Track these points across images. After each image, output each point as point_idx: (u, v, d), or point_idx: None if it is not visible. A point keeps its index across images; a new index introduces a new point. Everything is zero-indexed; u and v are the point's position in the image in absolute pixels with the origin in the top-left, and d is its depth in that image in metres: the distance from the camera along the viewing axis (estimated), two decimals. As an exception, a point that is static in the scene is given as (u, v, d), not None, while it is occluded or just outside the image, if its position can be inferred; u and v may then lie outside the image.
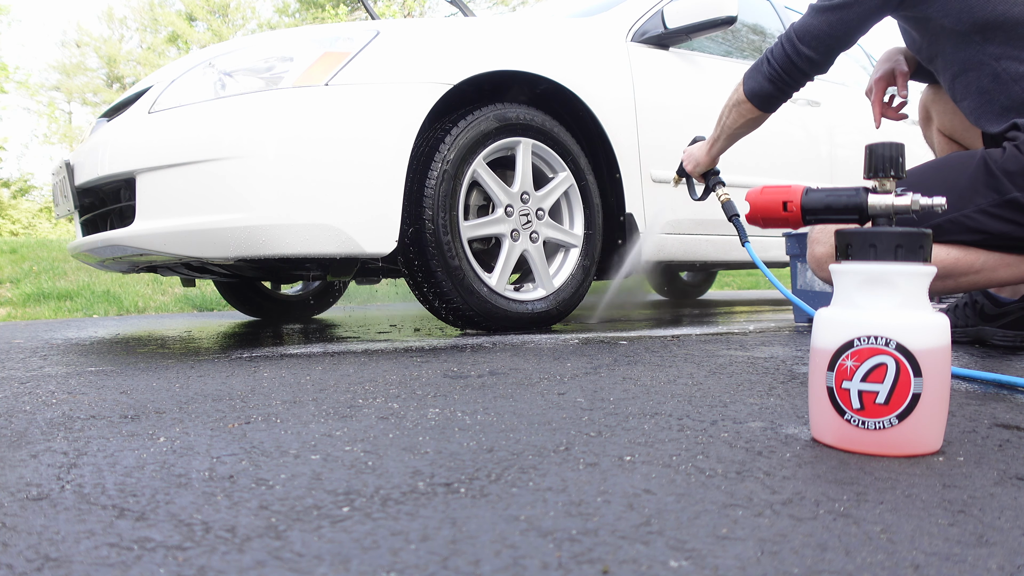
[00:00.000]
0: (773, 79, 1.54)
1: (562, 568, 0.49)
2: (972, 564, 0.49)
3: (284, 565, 0.50)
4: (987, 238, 1.36)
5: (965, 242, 1.37)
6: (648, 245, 2.38)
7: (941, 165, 1.42)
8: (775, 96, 1.57)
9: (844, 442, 0.77)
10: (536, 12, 3.27)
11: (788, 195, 0.94)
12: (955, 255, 1.38)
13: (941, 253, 1.37)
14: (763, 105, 1.59)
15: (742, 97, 1.60)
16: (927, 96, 1.79)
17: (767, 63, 1.54)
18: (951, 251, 1.38)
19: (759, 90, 1.57)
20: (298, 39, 1.89)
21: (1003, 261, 1.39)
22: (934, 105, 1.76)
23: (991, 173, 1.33)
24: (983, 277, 1.39)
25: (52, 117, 23.13)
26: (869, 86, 1.76)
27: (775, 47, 1.53)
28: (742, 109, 1.62)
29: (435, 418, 0.95)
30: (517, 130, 2.08)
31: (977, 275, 1.39)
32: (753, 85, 1.58)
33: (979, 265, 1.38)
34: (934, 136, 1.81)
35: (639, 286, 4.28)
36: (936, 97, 1.75)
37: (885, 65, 1.72)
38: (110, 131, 1.93)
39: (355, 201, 1.79)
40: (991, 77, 1.39)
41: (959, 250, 1.38)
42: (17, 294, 4.40)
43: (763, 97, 1.58)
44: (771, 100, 1.58)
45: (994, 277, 1.40)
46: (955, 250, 1.38)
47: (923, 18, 1.43)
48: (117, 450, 0.81)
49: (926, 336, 0.74)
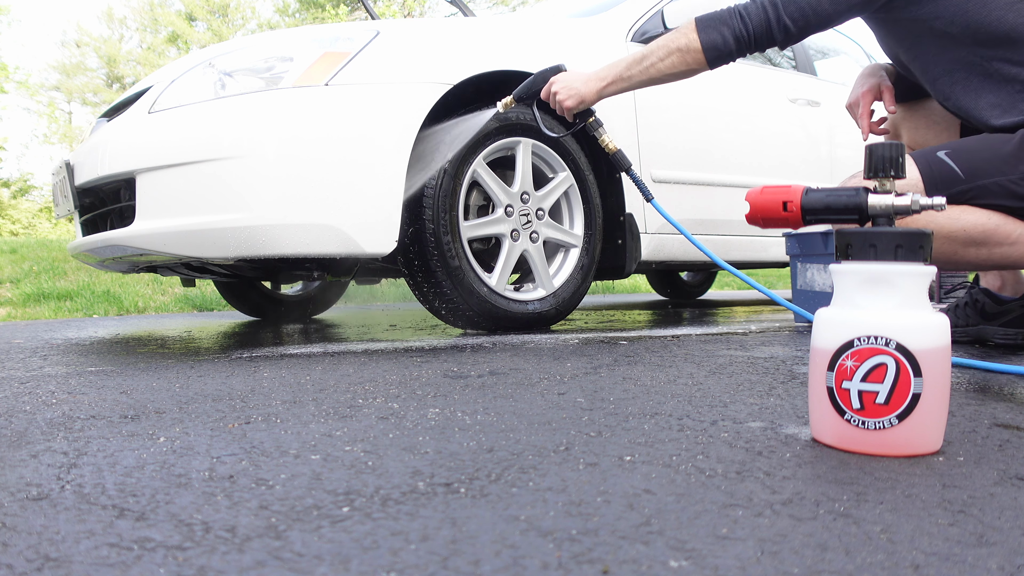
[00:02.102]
0: (739, 38, 1.45)
1: (562, 568, 0.49)
2: (972, 564, 0.49)
3: (284, 565, 0.50)
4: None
5: (1008, 208, 1.34)
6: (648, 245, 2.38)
7: (984, 137, 1.39)
8: (730, 55, 1.49)
9: (844, 442, 0.77)
10: (536, 12, 3.27)
11: (788, 195, 0.94)
12: (996, 220, 1.34)
13: (983, 217, 1.34)
14: (714, 61, 1.50)
15: (694, 45, 1.49)
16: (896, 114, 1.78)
17: (739, 19, 1.45)
18: (992, 216, 1.34)
19: (719, 44, 1.47)
20: (298, 39, 1.89)
21: None
22: (905, 122, 1.74)
23: None
24: (1016, 251, 1.36)
25: (52, 117, 23.13)
26: (854, 99, 1.71)
27: (751, 6, 1.45)
28: (687, 58, 1.51)
29: (435, 418, 0.95)
30: (517, 130, 2.08)
31: (1012, 247, 1.36)
32: (715, 37, 1.47)
33: (1015, 236, 1.35)
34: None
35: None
36: (905, 115, 1.73)
37: (870, 80, 1.69)
38: (110, 131, 1.93)
39: (355, 201, 1.79)
40: (982, 76, 1.38)
41: (1000, 216, 1.34)
42: (17, 294, 4.40)
43: (719, 53, 1.48)
44: (724, 58, 1.50)
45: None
46: (996, 216, 1.34)
47: (910, 19, 1.41)
48: (117, 450, 0.81)
49: (926, 336, 0.74)
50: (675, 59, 1.52)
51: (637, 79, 1.58)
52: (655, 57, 1.54)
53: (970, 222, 1.34)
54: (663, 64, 1.54)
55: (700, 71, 1.53)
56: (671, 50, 1.52)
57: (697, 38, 1.48)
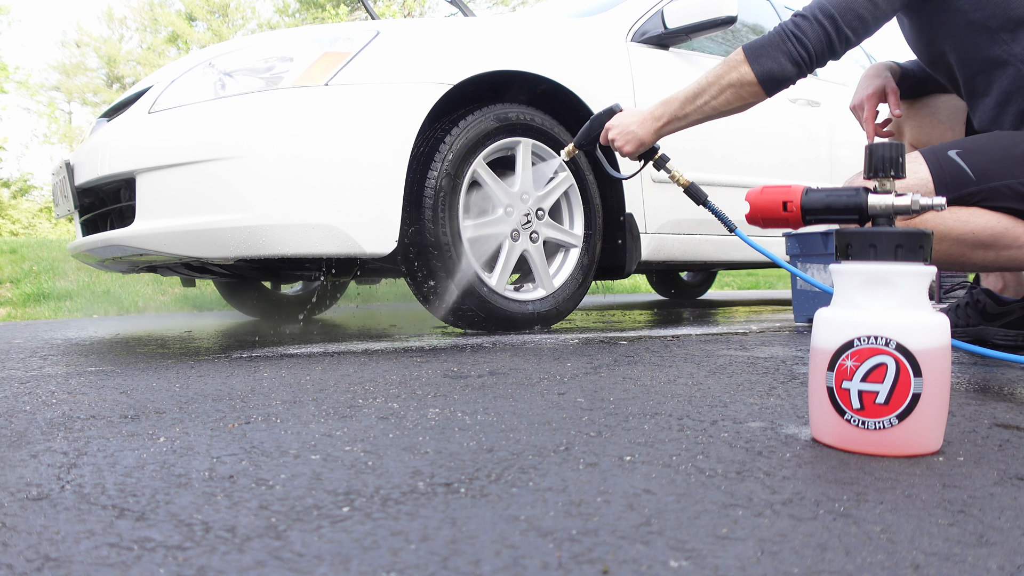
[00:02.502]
0: (799, 61, 1.37)
1: (562, 568, 0.49)
2: (972, 564, 0.49)
3: (284, 565, 0.50)
4: None
5: (1016, 211, 1.33)
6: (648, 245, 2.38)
7: (995, 135, 1.37)
8: (788, 81, 1.41)
9: (844, 442, 0.77)
10: (536, 12, 3.27)
11: (788, 195, 0.94)
12: (1006, 223, 1.33)
13: (993, 219, 1.32)
14: (772, 90, 1.42)
15: (748, 78, 1.41)
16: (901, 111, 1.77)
17: (793, 42, 1.36)
18: (1002, 219, 1.33)
19: (776, 73, 1.38)
20: (298, 39, 1.89)
21: None
22: (908, 120, 1.73)
23: None
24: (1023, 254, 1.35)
25: (52, 117, 23.13)
26: (858, 102, 1.69)
27: (803, 24, 1.36)
28: (742, 92, 1.43)
29: (435, 418, 0.95)
30: (517, 130, 2.08)
31: (1020, 250, 1.34)
32: (771, 67, 1.38)
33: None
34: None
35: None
36: (911, 112, 1.72)
37: (875, 81, 1.66)
38: (110, 131, 1.93)
39: (355, 201, 1.79)
40: (1013, 77, 1.35)
41: (1010, 219, 1.33)
42: (17, 294, 4.40)
43: (779, 81, 1.40)
44: (782, 85, 1.42)
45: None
46: (1006, 219, 1.33)
47: (949, 10, 1.37)
48: (117, 450, 0.81)
49: (926, 336, 0.74)
50: (729, 95, 1.45)
51: (693, 117, 1.53)
52: (708, 95, 1.48)
53: (979, 225, 1.33)
54: (717, 102, 1.48)
55: (758, 102, 1.47)
56: (723, 87, 1.45)
57: (750, 70, 1.41)
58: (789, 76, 1.39)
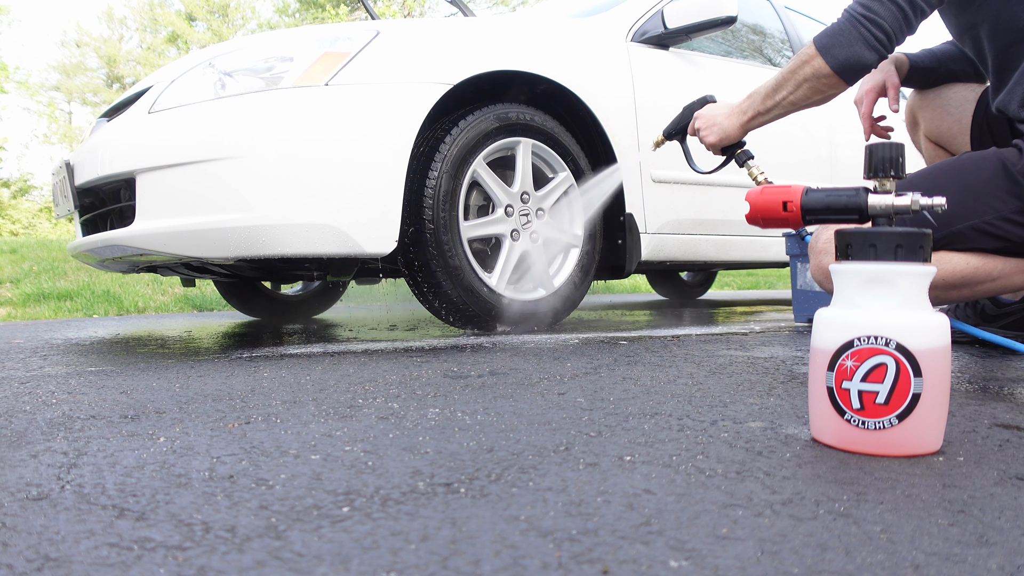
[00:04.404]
0: (876, 45, 1.32)
1: (562, 568, 0.49)
2: (972, 564, 0.49)
3: (284, 565, 0.50)
4: (1009, 246, 1.31)
5: (986, 249, 1.32)
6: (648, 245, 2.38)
7: (954, 167, 1.35)
8: (870, 66, 1.36)
9: (844, 442, 0.77)
10: (536, 12, 3.27)
11: (788, 195, 0.94)
12: (975, 263, 1.33)
13: (960, 262, 1.32)
14: (852, 79, 1.38)
15: (823, 71, 1.38)
16: (914, 102, 1.76)
17: (868, 26, 1.31)
18: (971, 259, 1.33)
19: (856, 61, 1.34)
20: (298, 39, 1.89)
21: (1020, 267, 1.34)
22: (922, 111, 1.74)
23: (1012, 178, 1.27)
24: (1000, 284, 1.35)
25: (52, 117, 23.14)
26: (859, 96, 1.69)
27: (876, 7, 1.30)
28: (820, 84, 1.40)
29: (435, 418, 0.95)
30: (517, 130, 2.08)
31: (994, 283, 1.35)
32: (849, 55, 1.34)
33: (997, 272, 1.34)
34: (921, 141, 1.80)
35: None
36: (924, 103, 1.72)
37: (877, 75, 1.66)
38: (110, 131, 1.93)
39: (355, 201, 1.79)
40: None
41: (978, 258, 1.33)
42: (17, 294, 4.40)
43: (857, 70, 1.36)
44: (861, 73, 1.37)
45: (1010, 283, 1.36)
46: (975, 258, 1.33)
47: None
48: (117, 450, 0.81)
49: (926, 336, 0.74)
50: (806, 89, 1.44)
51: (775, 112, 1.53)
52: (786, 91, 1.47)
53: (947, 271, 1.32)
54: (795, 96, 1.47)
55: (840, 92, 1.44)
56: (799, 82, 1.44)
57: (824, 64, 1.38)
58: (868, 62, 1.35)
